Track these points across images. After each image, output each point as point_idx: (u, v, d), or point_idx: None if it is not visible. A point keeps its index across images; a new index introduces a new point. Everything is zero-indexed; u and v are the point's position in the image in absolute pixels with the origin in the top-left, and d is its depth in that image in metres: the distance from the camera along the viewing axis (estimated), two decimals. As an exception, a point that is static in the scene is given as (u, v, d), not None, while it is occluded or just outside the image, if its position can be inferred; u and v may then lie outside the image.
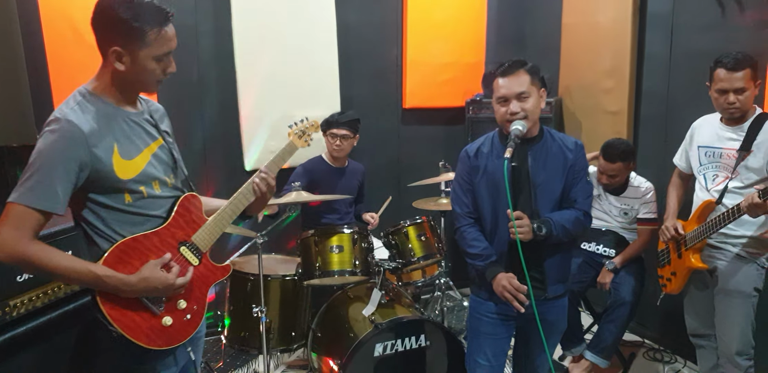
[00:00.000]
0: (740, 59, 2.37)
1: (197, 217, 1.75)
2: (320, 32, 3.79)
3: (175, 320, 1.67)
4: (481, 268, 2.22)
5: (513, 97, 2.11)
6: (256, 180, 1.83)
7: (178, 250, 1.69)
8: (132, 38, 1.54)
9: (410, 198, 3.66)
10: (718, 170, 2.55)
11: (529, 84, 2.12)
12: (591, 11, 3.88)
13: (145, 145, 1.67)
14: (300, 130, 2.08)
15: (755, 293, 2.48)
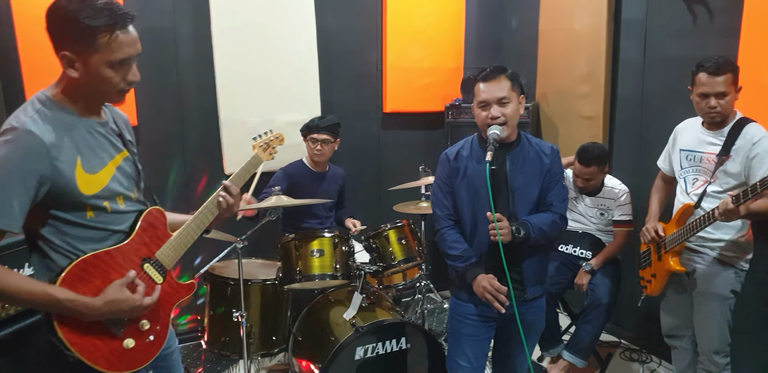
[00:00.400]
0: (722, 64, 2.40)
1: (162, 232, 1.67)
2: (300, 36, 3.80)
3: (138, 342, 1.57)
4: (461, 269, 2.25)
5: (494, 102, 2.15)
6: (222, 193, 1.77)
7: (142, 267, 1.59)
8: (81, 41, 1.41)
9: (391, 202, 3.68)
10: (698, 174, 2.58)
11: (509, 90, 2.16)
12: (567, 18, 3.95)
13: (109, 157, 1.57)
14: (264, 143, 2.05)
15: (731, 295, 2.53)
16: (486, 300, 2.18)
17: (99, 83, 1.48)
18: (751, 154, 2.36)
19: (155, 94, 3.48)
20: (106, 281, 1.50)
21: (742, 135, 2.41)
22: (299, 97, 3.83)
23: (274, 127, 3.63)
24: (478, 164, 2.24)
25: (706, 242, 2.55)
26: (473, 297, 2.28)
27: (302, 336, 2.92)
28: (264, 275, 3.03)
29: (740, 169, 2.41)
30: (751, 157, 2.36)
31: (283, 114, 3.75)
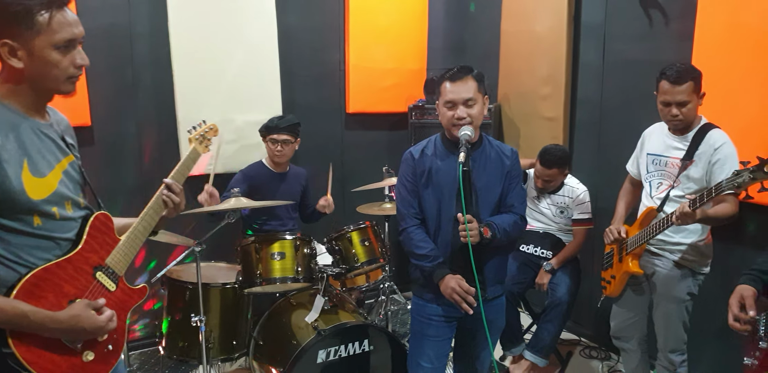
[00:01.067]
0: (683, 72, 2.38)
1: (110, 238, 1.61)
2: (261, 35, 3.74)
3: (97, 353, 1.52)
4: (428, 269, 2.23)
5: (460, 103, 2.15)
6: (165, 192, 1.72)
7: (94, 276, 1.53)
8: (19, 24, 1.33)
9: (354, 203, 3.66)
10: (662, 178, 2.60)
11: (475, 90, 2.17)
12: (528, 20, 3.99)
13: (56, 160, 1.50)
14: (200, 135, 1.96)
15: (688, 298, 2.57)
16: (454, 301, 2.18)
17: (46, 70, 1.40)
18: (712, 160, 2.40)
19: (110, 93, 3.38)
20: (60, 294, 1.44)
21: (705, 140, 2.43)
22: (260, 97, 3.77)
23: (234, 127, 3.68)
24: (443, 163, 2.24)
25: (666, 245, 2.58)
26: (437, 297, 2.28)
27: (263, 340, 2.88)
28: (224, 278, 2.98)
29: (702, 174, 2.43)
30: (713, 163, 2.39)
31: (244, 114, 3.69)
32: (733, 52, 2.77)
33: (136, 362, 3.44)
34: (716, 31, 2.85)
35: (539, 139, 3.85)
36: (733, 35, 2.77)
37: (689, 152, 2.46)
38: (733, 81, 2.75)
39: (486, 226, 2.17)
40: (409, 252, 2.30)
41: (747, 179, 1.90)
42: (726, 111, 2.71)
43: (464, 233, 2.07)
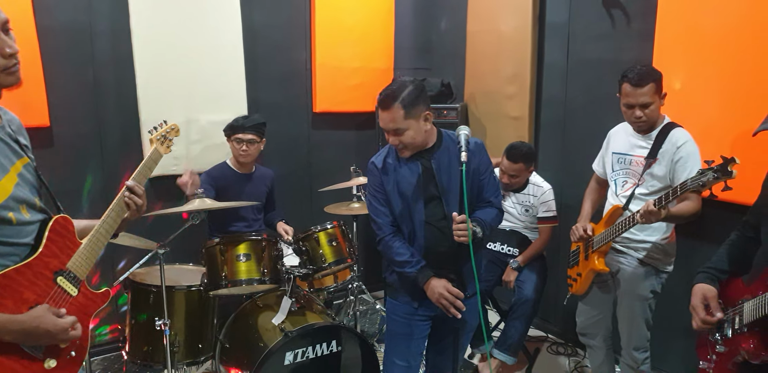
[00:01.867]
0: (644, 75, 2.40)
1: (71, 241, 1.56)
2: (225, 34, 3.69)
3: (60, 360, 1.48)
4: (412, 274, 2.24)
5: (391, 132, 2.19)
6: (127, 194, 1.68)
7: (55, 281, 1.49)
8: None
9: (322, 203, 3.64)
10: (627, 177, 2.63)
11: (402, 119, 2.14)
12: (494, 20, 4.01)
13: (10, 163, 1.45)
14: (161, 136, 1.93)
15: (651, 296, 2.62)
16: (441, 305, 2.20)
17: None
18: (675, 158, 2.43)
19: (70, 93, 3.30)
20: (19, 301, 1.39)
21: (668, 139, 2.47)
22: (225, 96, 3.72)
23: (198, 127, 3.63)
24: (404, 170, 2.27)
25: (631, 243, 2.61)
26: (413, 299, 2.31)
27: (229, 343, 2.84)
28: (189, 281, 2.92)
29: (666, 172, 2.47)
30: (675, 161, 2.44)
31: (208, 113, 3.64)
32: (693, 51, 2.83)
33: (99, 368, 3.36)
34: (676, 31, 2.91)
35: (505, 139, 3.87)
36: (693, 35, 2.83)
37: (653, 151, 2.50)
38: (694, 80, 2.81)
39: (477, 224, 2.18)
40: (391, 261, 2.30)
41: (711, 178, 1.93)
42: (687, 110, 2.77)
43: (459, 232, 2.08)
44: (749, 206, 1.85)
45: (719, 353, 1.65)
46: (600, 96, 3.37)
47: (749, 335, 1.56)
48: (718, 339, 1.66)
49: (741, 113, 2.64)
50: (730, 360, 1.62)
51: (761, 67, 2.50)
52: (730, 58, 2.68)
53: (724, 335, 1.66)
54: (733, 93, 2.67)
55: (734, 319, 1.64)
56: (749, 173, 2.02)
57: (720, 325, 1.70)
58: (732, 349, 1.61)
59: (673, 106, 2.62)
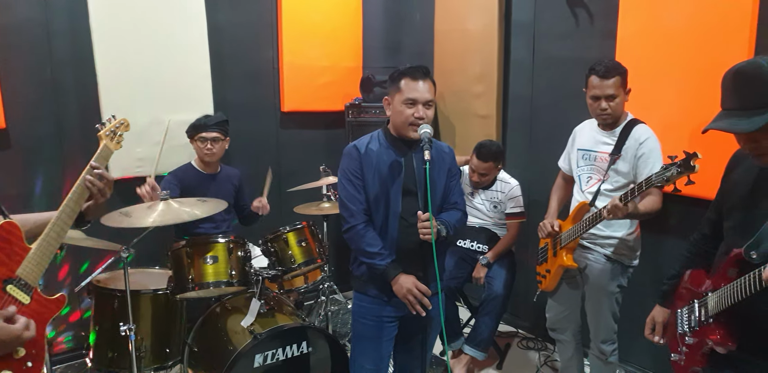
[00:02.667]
0: (611, 67, 2.47)
1: (19, 247, 1.50)
2: (190, 32, 3.63)
3: (15, 371, 1.43)
4: (380, 267, 2.21)
5: (422, 103, 2.16)
6: (88, 177, 1.62)
7: (4, 290, 1.44)
8: None
9: (291, 203, 3.61)
10: (592, 173, 2.67)
11: (434, 93, 2.20)
12: (461, 19, 4.03)
13: None
14: (111, 132, 1.85)
15: (618, 290, 2.67)
16: (407, 302, 2.18)
17: None
18: (638, 153, 2.48)
19: (27, 93, 3.19)
20: None
21: (632, 135, 2.51)
22: (190, 96, 3.66)
23: (163, 128, 3.55)
24: (388, 160, 2.24)
25: (598, 239, 2.65)
26: (382, 293, 2.28)
27: (198, 347, 2.80)
28: (155, 284, 2.87)
29: (629, 168, 2.52)
30: (638, 156, 2.48)
31: (174, 114, 3.55)
32: (654, 49, 2.88)
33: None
34: (637, 30, 2.97)
35: (474, 137, 3.89)
36: (653, 33, 2.89)
37: (617, 147, 2.54)
38: (655, 78, 2.87)
39: (441, 224, 2.19)
40: (359, 250, 2.25)
41: (675, 173, 1.97)
42: (649, 106, 2.82)
43: (425, 230, 2.08)
44: (711, 200, 1.88)
45: (689, 345, 1.69)
46: (565, 93, 3.42)
47: (715, 326, 1.60)
48: (687, 331, 1.69)
49: (700, 109, 2.69)
50: (700, 351, 1.66)
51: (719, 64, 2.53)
52: (689, 56, 2.74)
53: (692, 327, 1.69)
54: (692, 89, 2.73)
55: (700, 311, 1.67)
56: (710, 168, 2.06)
57: (687, 317, 1.74)
58: (700, 340, 1.64)
59: (636, 103, 2.66)
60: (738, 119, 1.43)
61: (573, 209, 2.70)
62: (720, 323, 1.59)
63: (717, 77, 1.59)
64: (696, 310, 1.68)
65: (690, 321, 1.71)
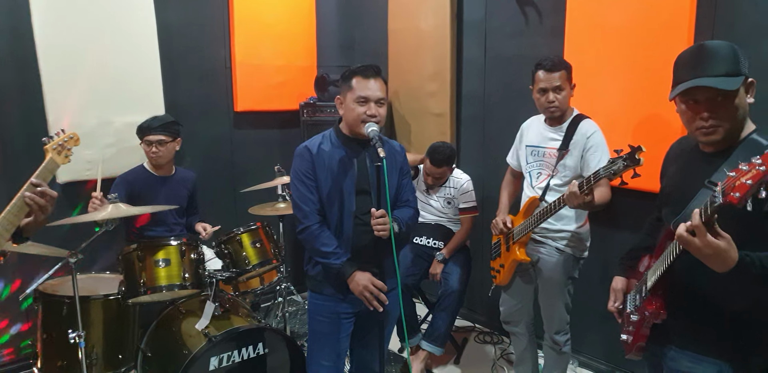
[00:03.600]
0: (556, 62, 2.57)
1: None
2: (138, 32, 3.55)
3: None
4: (336, 267, 2.22)
5: (374, 100, 2.18)
6: (28, 194, 1.59)
7: None
8: None
9: (246, 204, 3.57)
10: (541, 168, 2.73)
11: (385, 91, 2.23)
12: (414, 18, 4.06)
13: None
14: (58, 145, 1.85)
15: (570, 281, 2.74)
16: (364, 298, 2.20)
17: None
18: (586, 147, 2.56)
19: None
20: None
21: (578, 130, 2.59)
22: (140, 97, 3.58)
23: (113, 130, 3.48)
24: (341, 159, 2.25)
25: (549, 233, 2.72)
26: (337, 292, 2.29)
27: (151, 351, 2.75)
28: (107, 289, 2.80)
29: (577, 163, 2.59)
30: (586, 150, 2.56)
31: (123, 115, 3.49)
32: (599, 47, 2.97)
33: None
34: (584, 28, 3.04)
35: (429, 135, 3.94)
36: (599, 31, 2.97)
37: (564, 142, 2.61)
38: (601, 74, 2.95)
39: (395, 221, 2.21)
40: (314, 250, 2.27)
41: (621, 167, 2.03)
42: (595, 102, 2.90)
43: (379, 227, 2.11)
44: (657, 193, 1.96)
45: (634, 322, 1.76)
46: (516, 91, 3.47)
47: (651, 299, 1.69)
48: (633, 310, 1.77)
49: (644, 105, 2.80)
50: (642, 326, 1.73)
51: (661, 60, 2.64)
52: (632, 53, 2.83)
53: (636, 305, 1.77)
54: (635, 85, 2.82)
55: (641, 289, 1.75)
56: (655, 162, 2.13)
57: (634, 297, 1.82)
58: (642, 316, 1.72)
59: (582, 99, 2.74)
60: (720, 81, 1.49)
61: (524, 204, 2.76)
62: (657, 295, 1.68)
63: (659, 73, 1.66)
64: (641, 290, 1.76)
65: (635, 300, 1.78)
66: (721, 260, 1.37)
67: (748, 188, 1.23)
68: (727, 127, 1.54)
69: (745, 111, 1.55)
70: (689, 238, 1.37)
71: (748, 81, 1.54)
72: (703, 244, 1.36)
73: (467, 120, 3.91)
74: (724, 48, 1.53)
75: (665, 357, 1.73)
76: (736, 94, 1.50)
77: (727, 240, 1.36)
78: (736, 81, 1.48)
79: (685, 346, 1.67)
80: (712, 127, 1.55)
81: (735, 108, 1.51)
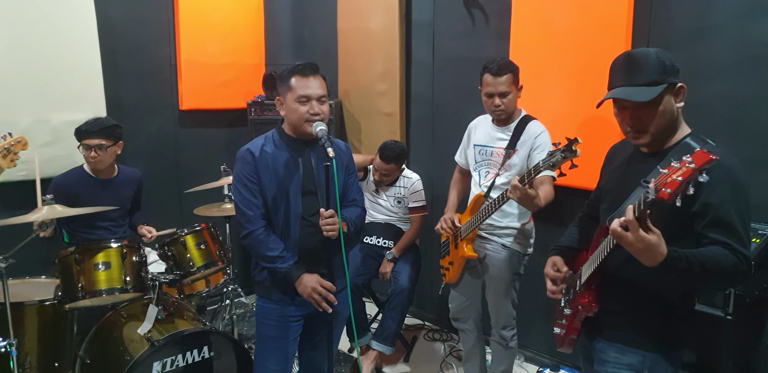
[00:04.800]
0: (503, 65, 2.59)
1: None
2: (77, 29, 3.43)
3: None
4: (283, 270, 2.20)
5: (315, 98, 2.16)
6: None
7: None
8: None
9: (192, 205, 3.49)
10: (489, 167, 2.78)
11: (326, 88, 2.21)
12: (363, 17, 4.06)
13: None
14: (4, 149, 1.80)
15: (516, 277, 2.80)
16: (312, 300, 2.18)
17: None
18: (533, 147, 2.62)
19: None
20: None
21: (526, 130, 2.64)
22: (79, 95, 3.46)
23: (50, 128, 3.35)
24: (286, 160, 2.22)
25: (495, 229, 2.77)
26: (286, 297, 2.27)
27: (91, 358, 2.66)
28: (42, 295, 2.69)
29: (524, 162, 2.65)
30: (533, 149, 2.62)
31: (60, 113, 3.36)
32: (543, 49, 3.04)
33: None
34: (528, 31, 3.11)
35: (379, 135, 3.95)
36: (543, 34, 3.04)
37: (512, 142, 2.67)
38: (545, 76, 3.03)
39: (344, 220, 2.20)
40: (260, 255, 2.23)
41: (560, 158, 2.09)
42: (540, 102, 2.97)
43: (328, 227, 2.10)
44: (596, 191, 2.03)
45: (567, 315, 1.82)
46: (464, 91, 3.52)
47: (584, 292, 1.75)
48: (566, 304, 1.81)
49: (586, 105, 2.86)
50: (575, 320, 1.79)
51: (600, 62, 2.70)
52: (575, 56, 2.91)
53: (569, 299, 1.81)
54: (578, 86, 2.91)
55: (576, 283, 1.80)
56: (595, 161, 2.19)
57: (567, 291, 1.86)
58: (575, 309, 1.78)
59: (528, 99, 2.79)
60: (634, 92, 1.57)
61: (470, 202, 2.80)
62: (590, 289, 1.74)
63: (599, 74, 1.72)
64: (575, 284, 1.81)
65: (569, 294, 1.83)
66: (651, 254, 1.42)
67: (678, 184, 1.29)
68: (653, 132, 1.61)
69: (673, 115, 1.61)
70: (622, 232, 1.42)
71: (677, 86, 1.60)
72: (635, 238, 1.40)
73: (417, 120, 3.94)
74: (648, 57, 1.58)
75: (594, 349, 1.80)
76: (659, 101, 1.56)
77: (658, 235, 1.41)
78: (654, 90, 1.54)
79: (613, 338, 1.74)
80: (637, 133, 1.63)
81: (659, 114, 1.58)
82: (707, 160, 1.27)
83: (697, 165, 1.28)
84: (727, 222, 1.50)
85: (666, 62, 1.57)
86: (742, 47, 2.46)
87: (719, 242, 1.50)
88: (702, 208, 1.51)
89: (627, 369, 1.70)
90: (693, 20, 2.60)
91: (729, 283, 1.82)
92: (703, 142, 1.60)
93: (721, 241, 1.50)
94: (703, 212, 1.51)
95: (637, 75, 1.58)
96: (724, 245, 1.49)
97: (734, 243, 1.49)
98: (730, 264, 1.48)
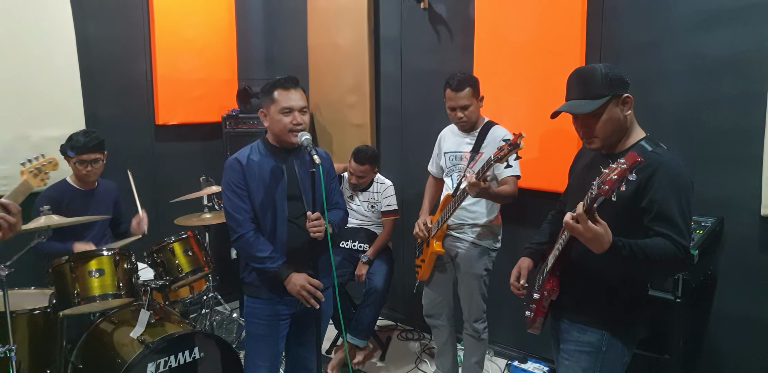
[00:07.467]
0: (462, 80, 2.79)
1: None
2: (57, 45, 3.53)
3: None
4: (272, 270, 2.34)
5: (297, 110, 2.32)
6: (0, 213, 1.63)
7: None
8: None
9: (171, 216, 3.59)
10: (459, 172, 2.97)
11: (306, 99, 2.39)
12: (333, 34, 4.24)
13: None
14: (35, 168, 1.92)
15: (485, 273, 3.00)
16: (301, 297, 2.33)
17: None
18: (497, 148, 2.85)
19: None
20: None
21: (489, 134, 2.86)
22: (59, 111, 3.55)
23: (30, 144, 3.44)
24: (271, 168, 2.38)
25: (465, 227, 2.97)
26: (274, 296, 2.41)
27: (83, 363, 2.73)
28: (32, 304, 2.75)
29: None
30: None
31: (41, 129, 3.44)
32: (504, 62, 3.27)
33: None
34: (490, 46, 3.34)
35: (350, 145, 4.10)
36: (504, 48, 3.27)
37: (476, 145, 2.90)
38: (507, 87, 3.25)
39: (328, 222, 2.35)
40: (250, 257, 2.37)
41: (506, 151, 2.34)
42: (502, 111, 3.19)
43: (315, 229, 2.26)
44: (560, 193, 2.25)
45: (535, 300, 2.04)
46: (431, 103, 3.73)
47: (549, 279, 1.98)
48: (536, 289, 2.05)
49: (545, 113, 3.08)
50: (542, 302, 2.02)
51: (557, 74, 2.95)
52: (534, 69, 3.15)
53: (538, 285, 2.05)
54: (538, 97, 3.14)
55: (543, 270, 2.03)
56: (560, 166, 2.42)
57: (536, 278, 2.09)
58: (542, 293, 2.01)
59: (491, 109, 3.02)
60: (578, 105, 1.82)
61: (441, 203, 3.01)
62: (554, 275, 1.97)
63: (556, 84, 1.95)
64: (543, 271, 2.04)
65: (539, 281, 2.06)
66: (599, 243, 1.64)
67: (614, 182, 1.52)
68: (601, 137, 1.84)
69: (621, 123, 1.84)
70: (573, 224, 1.64)
71: (623, 97, 1.82)
72: (584, 229, 1.62)
73: (386, 130, 4.14)
74: (594, 73, 1.82)
75: (560, 329, 2.02)
76: (602, 111, 1.80)
77: (604, 226, 1.63)
78: (596, 103, 1.79)
79: (574, 319, 1.97)
80: (588, 138, 1.88)
81: (603, 122, 1.82)
82: (634, 161, 1.51)
83: (627, 165, 1.51)
84: (669, 216, 1.72)
85: (611, 76, 1.80)
86: (685, 58, 2.73)
87: (662, 234, 1.72)
88: (649, 204, 1.74)
89: (588, 346, 1.92)
90: (640, 35, 2.86)
91: (670, 269, 2.06)
92: (655, 144, 1.84)
93: (663, 233, 1.72)
94: (650, 207, 1.74)
95: (582, 89, 1.83)
96: (666, 236, 1.71)
97: (674, 235, 1.71)
98: (670, 253, 1.70)
